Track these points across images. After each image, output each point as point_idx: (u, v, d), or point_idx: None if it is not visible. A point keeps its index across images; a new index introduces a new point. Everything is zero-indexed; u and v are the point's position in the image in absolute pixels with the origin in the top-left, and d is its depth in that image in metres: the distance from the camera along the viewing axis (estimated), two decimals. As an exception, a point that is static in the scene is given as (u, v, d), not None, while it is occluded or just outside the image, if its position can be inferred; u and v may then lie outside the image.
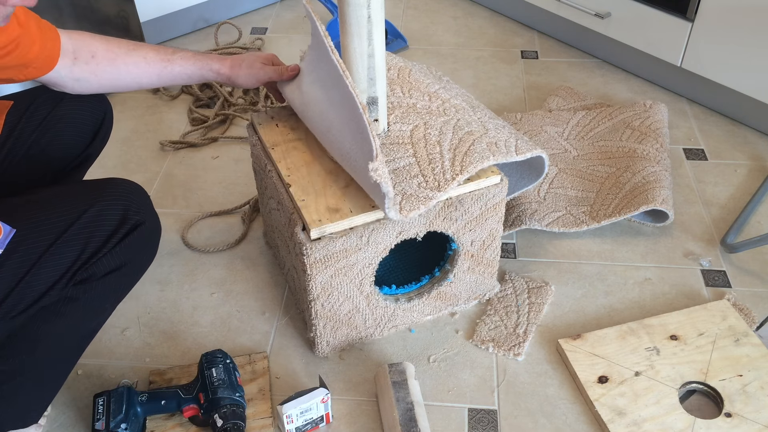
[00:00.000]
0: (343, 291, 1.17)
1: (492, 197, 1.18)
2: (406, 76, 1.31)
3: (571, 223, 1.48)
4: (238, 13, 2.33)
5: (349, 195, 1.11)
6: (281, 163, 1.18)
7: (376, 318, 1.25)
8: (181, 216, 1.57)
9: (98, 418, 1.08)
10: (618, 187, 1.52)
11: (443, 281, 1.27)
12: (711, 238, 1.49)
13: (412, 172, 1.11)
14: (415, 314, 1.29)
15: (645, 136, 1.63)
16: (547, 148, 1.67)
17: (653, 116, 1.69)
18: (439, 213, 1.15)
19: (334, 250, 1.09)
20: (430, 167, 1.11)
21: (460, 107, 1.25)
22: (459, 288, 1.30)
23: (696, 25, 1.70)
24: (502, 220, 1.24)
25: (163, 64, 1.17)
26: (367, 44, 1.04)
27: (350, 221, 1.08)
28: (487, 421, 1.16)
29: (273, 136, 1.24)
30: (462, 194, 1.15)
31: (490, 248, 1.27)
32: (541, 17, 2.18)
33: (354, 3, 1.00)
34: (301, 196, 1.11)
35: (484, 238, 1.24)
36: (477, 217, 1.19)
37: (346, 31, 1.04)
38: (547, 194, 1.55)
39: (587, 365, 1.22)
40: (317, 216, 1.08)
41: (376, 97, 1.12)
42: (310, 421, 1.13)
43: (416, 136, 1.16)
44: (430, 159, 1.12)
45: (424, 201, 1.07)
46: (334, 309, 1.19)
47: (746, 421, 1.13)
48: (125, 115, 1.87)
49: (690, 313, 1.30)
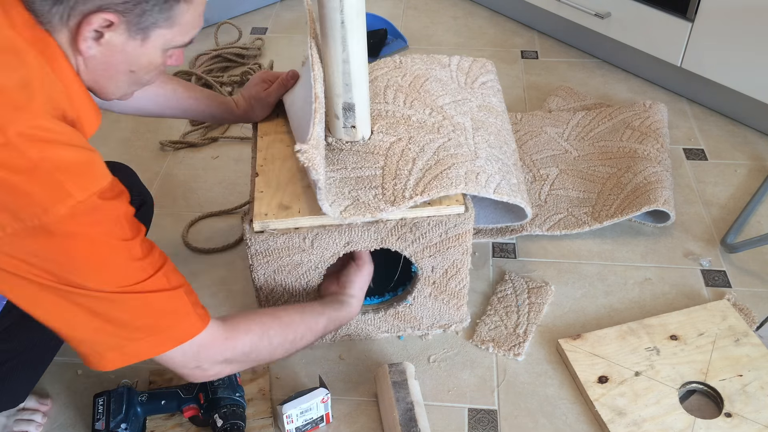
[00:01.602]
0: (288, 288, 1.16)
1: (453, 227, 1.11)
2: (418, 85, 1.28)
3: (573, 224, 1.48)
4: (238, 13, 2.33)
5: (308, 195, 1.10)
6: (261, 153, 1.18)
7: None
8: (181, 216, 1.57)
9: (98, 418, 1.08)
10: (619, 187, 1.52)
11: (402, 302, 1.23)
12: (711, 238, 1.49)
13: (373, 182, 1.09)
14: (370, 328, 1.27)
15: (645, 137, 1.63)
16: (547, 149, 1.67)
17: (653, 116, 1.69)
18: (392, 231, 1.10)
19: (275, 246, 1.09)
20: (393, 182, 1.09)
21: (460, 127, 1.21)
22: (420, 312, 1.25)
23: (696, 25, 1.70)
24: (468, 252, 1.17)
25: (191, 102, 1.22)
26: (341, 49, 1.03)
27: (295, 221, 1.07)
28: (487, 421, 1.16)
29: (268, 126, 1.25)
30: (418, 217, 1.09)
31: (454, 279, 1.20)
32: (541, 17, 2.18)
33: (329, 7, 0.99)
34: (261, 188, 1.11)
35: (446, 267, 1.18)
36: (437, 244, 1.13)
37: (324, 35, 1.03)
38: (548, 196, 1.55)
39: (587, 365, 1.22)
40: (266, 210, 1.08)
41: (353, 103, 1.10)
42: (310, 421, 1.13)
43: (394, 150, 1.14)
44: (397, 174, 1.10)
45: (372, 211, 1.05)
46: (279, 303, 1.18)
47: (746, 421, 1.13)
48: (125, 115, 1.87)
49: (690, 313, 1.30)
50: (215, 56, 2.05)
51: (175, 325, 0.84)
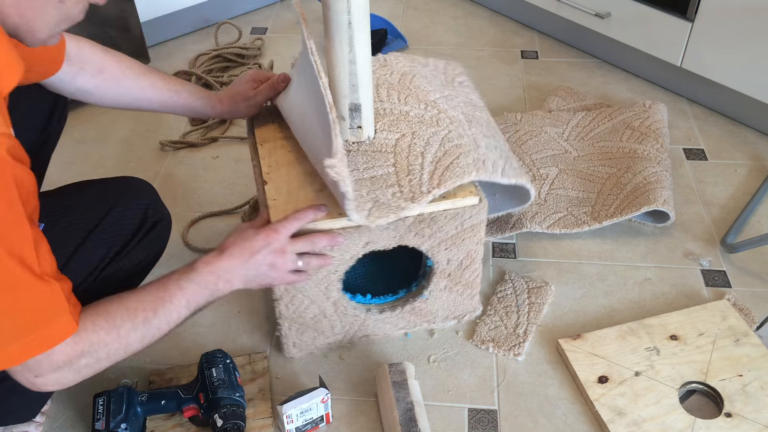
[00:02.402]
0: (308, 294, 1.15)
1: (469, 218, 1.14)
2: (407, 82, 1.29)
3: (573, 223, 1.48)
4: (238, 13, 2.33)
5: (322, 199, 1.09)
6: (264, 160, 1.17)
7: (344, 325, 1.23)
8: (181, 216, 1.57)
9: (98, 418, 1.08)
10: (619, 187, 1.52)
11: (419, 297, 1.24)
12: (711, 238, 1.49)
13: (389, 181, 1.09)
14: (387, 326, 1.27)
15: (645, 137, 1.63)
16: (547, 148, 1.67)
17: (653, 116, 1.69)
18: (410, 228, 1.11)
19: None
20: (407, 178, 1.09)
21: (456, 119, 1.22)
22: (435, 306, 1.26)
23: (696, 25, 1.70)
24: (482, 242, 1.19)
25: (169, 94, 1.18)
26: (348, 50, 1.02)
27: (314, 225, 1.07)
28: (487, 421, 1.16)
29: (265, 132, 1.24)
30: (435, 212, 1.11)
31: (468, 269, 1.22)
32: (541, 17, 2.18)
33: (334, 9, 0.99)
34: (273, 195, 1.10)
35: (461, 258, 1.20)
36: (453, 236, 1.15)
37: (329, 36, 1.03)
38: (548, 195, 1.55)
39: (587, 365, 1.22)
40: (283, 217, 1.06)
41: (359, 104, 1.09)
42: (310, 421, 1.13)
43: (401, 146, 1.14)
44: (410, 170, 1.10)
45: (395, 210, 1.05)
46: (299, 311, 1.17)
47: (746, 421, 1.13)
48: (125, 115, 1.87)
49: (690, 313, 1.30)
50: (215, 56, 2.05)
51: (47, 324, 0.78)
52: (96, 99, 1.14)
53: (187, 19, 2.20)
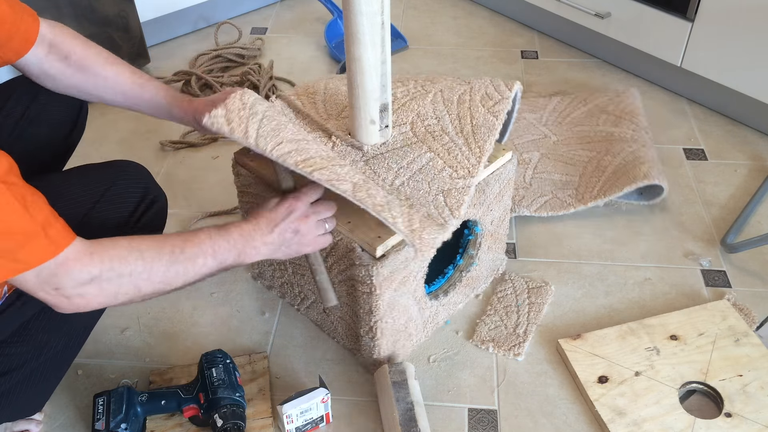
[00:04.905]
0: (403, 302, 1.15)
1: (507, 173, 1.21)
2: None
3: (559, 206, 1.52)
4: (238, 13, 2.33)
5: None
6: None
7: (425, 320, 1.24)
8: (181, 216, 1.57)
9: (98, 418, 1.08)
10: (600, 170, 1.57)
11: (470, 266, 1.27)
12: (711, 238, 1.49)
13: (436, 165, 1.09)
14: (450, 306, 1.30)
15: (620, 119, 1.69)
16: (528, 133, 1.73)
17: (625, 100, 1.76)
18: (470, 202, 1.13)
19: (397, 264, 1.06)
20: (450, 156, 1.10)
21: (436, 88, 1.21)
22: (481, 270, 1.32)
23: (696, 25, 1.71)
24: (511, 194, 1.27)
25: (133, 86, 1.12)
26: (381, 51, 1.01)
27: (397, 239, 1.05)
28: (487, 421, 1.16)
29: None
30: (486, 177, 1.16)
31: (503, 223, 1.30)
32: (541, 17, 2.18)
33: (368, 12, 0.96)
34: (345, 219, 1.07)
35: (500, 215, 1.26)
36: (496, 196, 1.21)
37: (359, 41, 0.99)
38: (532, 179, 1.59)
39: (587, 365, 1.22)
40: (375, 233, 1.04)
41: (387, 103, 1.09)
42: (310, 421, 1.13)
43: (419, 131, 1.13)
44: (448, 148, 1.11)
45: (461, 192, 1.05)
46: (395, 323, 1.16)
47: (746, 421, 1.13)
48: (125, 115, 1.87)
49: (690, 313, 1.30)
50: (215, 56, 2.05)
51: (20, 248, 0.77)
52: (61, 86, 1.10)
53: (187, 19, 2.20)
